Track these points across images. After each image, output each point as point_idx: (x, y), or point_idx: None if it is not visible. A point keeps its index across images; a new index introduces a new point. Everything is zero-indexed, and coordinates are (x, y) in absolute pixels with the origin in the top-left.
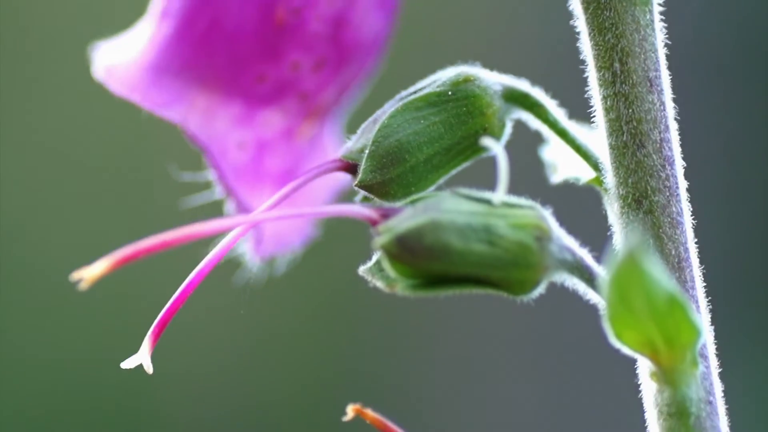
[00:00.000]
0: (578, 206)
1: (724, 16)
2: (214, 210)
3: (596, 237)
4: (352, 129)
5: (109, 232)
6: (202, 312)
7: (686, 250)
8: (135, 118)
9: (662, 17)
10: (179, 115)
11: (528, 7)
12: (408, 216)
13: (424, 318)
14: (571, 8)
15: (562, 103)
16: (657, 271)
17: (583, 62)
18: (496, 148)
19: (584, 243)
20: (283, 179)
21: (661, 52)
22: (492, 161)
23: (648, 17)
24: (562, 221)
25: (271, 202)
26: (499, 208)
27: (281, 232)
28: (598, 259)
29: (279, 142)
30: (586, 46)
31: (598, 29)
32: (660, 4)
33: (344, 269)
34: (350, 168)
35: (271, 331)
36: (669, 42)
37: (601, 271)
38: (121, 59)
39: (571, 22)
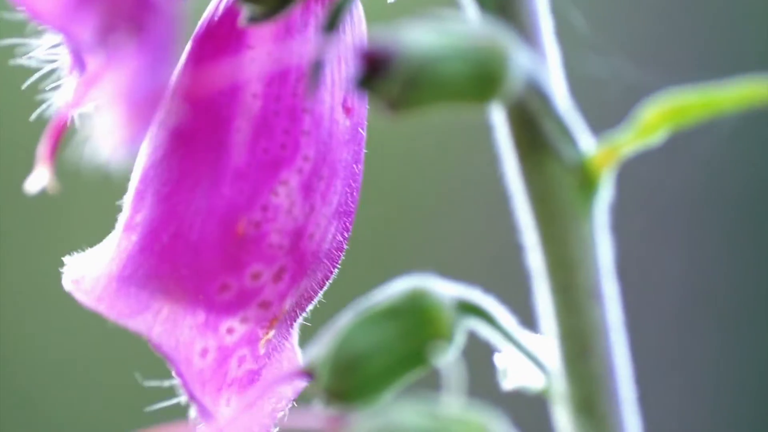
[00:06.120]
0: (533, 408)
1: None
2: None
3: None
4: (307, 329)
5: None
6: None
7: None
8: (102, 324)
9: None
10: (144, 325)
11: (480, 211)
12: (361, 425)
13: None
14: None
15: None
16: None
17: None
18: (446, 358)
19: None
20: (246, 383)
21: (606, 263)
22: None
23: (589, 229)
24: (517, 424)
25: (234, 411)
26: (450, 418)
27: None
28: None
29: (241, 348)
30: (534, 257)
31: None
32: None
33: None
34: (311, 374)
35: None
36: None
37: None
38: (88, 272)
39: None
